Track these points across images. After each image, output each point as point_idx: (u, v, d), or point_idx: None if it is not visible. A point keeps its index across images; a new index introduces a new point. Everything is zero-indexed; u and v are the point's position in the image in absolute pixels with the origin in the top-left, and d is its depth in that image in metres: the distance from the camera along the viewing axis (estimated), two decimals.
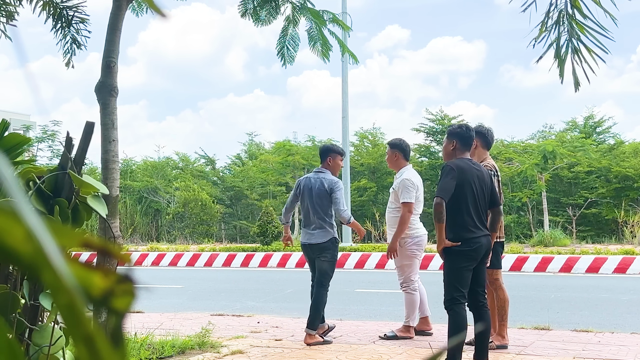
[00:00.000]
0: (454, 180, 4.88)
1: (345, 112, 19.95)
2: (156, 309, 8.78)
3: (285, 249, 16.75)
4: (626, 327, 7.27)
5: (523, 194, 22.35)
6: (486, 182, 5.08)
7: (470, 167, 5.03)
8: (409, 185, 6.42)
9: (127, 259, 0.47)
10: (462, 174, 4.93)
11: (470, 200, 4.94)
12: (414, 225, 6.55)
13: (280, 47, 7.61)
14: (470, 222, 4.93)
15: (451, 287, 4.93)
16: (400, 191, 6.44)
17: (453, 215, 4.95)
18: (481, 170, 5.12)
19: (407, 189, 6.41)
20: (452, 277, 4.94)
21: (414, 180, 6.49)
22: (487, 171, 5.26)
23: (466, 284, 4.93)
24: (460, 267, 4.91)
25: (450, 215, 4.94)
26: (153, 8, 0.55)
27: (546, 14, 5.40)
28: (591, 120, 26.36)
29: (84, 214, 2.19)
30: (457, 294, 4.90)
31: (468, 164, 5.06)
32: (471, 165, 5.06)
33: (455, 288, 4.91)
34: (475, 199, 4.97)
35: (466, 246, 4.90)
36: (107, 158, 4.35)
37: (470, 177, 4.96)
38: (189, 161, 30.21)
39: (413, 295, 6.53)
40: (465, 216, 4.93)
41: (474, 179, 4.98)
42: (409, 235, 6.51)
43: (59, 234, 0.42)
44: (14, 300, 2.00)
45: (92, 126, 2.33)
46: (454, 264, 4.92)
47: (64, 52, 6.51)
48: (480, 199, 5.01)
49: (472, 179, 4.96)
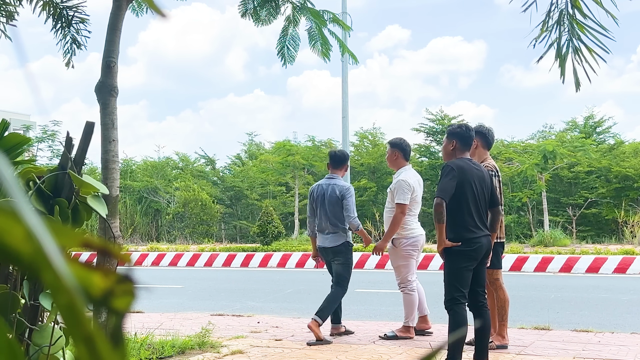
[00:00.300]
0: (454, 180, 4.88)
1: (345, 112, 19.94)
2: (156, 309, 8.79)
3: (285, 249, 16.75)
4: (626, 327, 7.27)
5: (523, 194, 22.35)
6: (486, 182, 5.08)
7: (470, 167, 5.03)
8: (404, 187, 6.43)
9: (127, 259, 0.47)
10: (463, 174, 4.93)
11: (471, 200, 4.94)
12: (409, 225, 6.54)
13: (280, 47, 7.61)
14: (470, 222, 4.93)
15: (451, 287, 4.93)
16: (396, 192, 6.45)
17: (453, 215, 4.95)
18: (481, 170, 5.11)
19: (402, 189, 6.42)
20: (452, 277, 4.94)
21: (410, 182, 6.48)
22: (487, 171, 5.26)
23: (466, 284, 4.93)
24: (460, 267, 4.91)
25: (451, 215, 4.94)
26: (153, 8, 0.55)
27: (547, 14, 5.40)
28: (591, 120, 26.36)
29: (84, 214, 2.19)
30: (457, 294, 4.90)
31: (468, 163, 5.06)
32: (471, 165, 5.06)
33: (455, 288, 4.91)
34: (476, 199, 4.97)
35: (466, 246, 4.90)
36: (107, 158, 4.35)
37: (470, 177, 4.96)
38: (189, 161, 30.21)
39: (411, 295, 6.53)
40: (466, 216, 4.93)
41: (474, 179, 4.97)
42: (404, 236, 6.51)
43: (59, 234, 0.42)
44: (14, 300, 2.00)
45: (92, 126, 2.33)
46: (454, 264, 4.92)
47: (64, 52, 6.51)
48: (481, 199, 5.01)
49: (472, 179, 4.96)
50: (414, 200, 6.50)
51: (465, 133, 5.17)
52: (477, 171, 5.05)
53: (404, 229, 6.49)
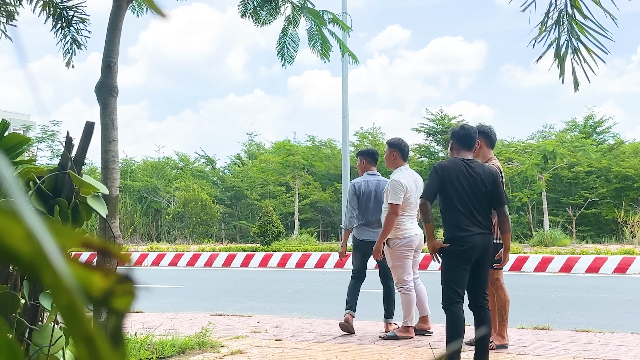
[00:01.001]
0: (435, 180, 4.94)
1: (345, 112, 19.94)
2: (156, 309, 8.79)
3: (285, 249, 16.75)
4: (626, 327, 7.27)
5: (523, 194, 22.35)
6: (485, 180, 4.98)
7: (457, 166, 4.96)
8: (396, 187, 6.43)
9: (127, 259, 0.47)
10: (445, 173, 4.92)
11: (457, 199, 4.90)
12: (403, 226, 6.52)
13: (280, 47, 7.60)
14: (461, 220, 4.89)
15: (447, 287, 4.93)
16: (390, 192, 6.45)
17: (443, 214, 5.02)
18: (477, 169, 5.02)
19: (395, 190, 6.42)
20: (447, 277, 4.94)
21: (402, 182, 6.46)
22: (489, 170, 5.13)
23: (461, 284, 4.91)
24: (453, 266, 4.90)
25: (443, 214, 5.02)
26: (153, 8, 0.55)
27: (546, 14, 5.40)
28: (591, 120, 26.36)
29: (84, 214, 2.19)
30: (452, 294, 4.89)
31: (456, 162, 5.00)
32: (459, 163, 4.98)
33: (450, 288, 4.90)
34: (463, 197, 4.90)
35: (457, 245, 4.88)
36: (107, 158, 4.35)
37: (455, 175, 4.91)
38: (189, 161, 30.22)
39: (408, 295, 6.53)
40: (455, 214, 4.90)
41: (459, 177, 4.92)
42: (398, 236, 6.50)
43: (59, 234, 0.42)
44: (14, 300, 2.00)
45: (92, 126, 2.33)
46: (448, 263, 4.93)
47: (64, 52, 6.51)
48: (473, 197, 4.93)
49: (456, 176, 4.91)
50: (407, 200, 6.48)
51: (459, 132, 5.16)
52: (467, 168, 4.97)
53: (397, 229, 6.48)
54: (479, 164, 5.15)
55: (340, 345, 6.31)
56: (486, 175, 5.03)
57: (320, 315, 8.52)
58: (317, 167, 26.07)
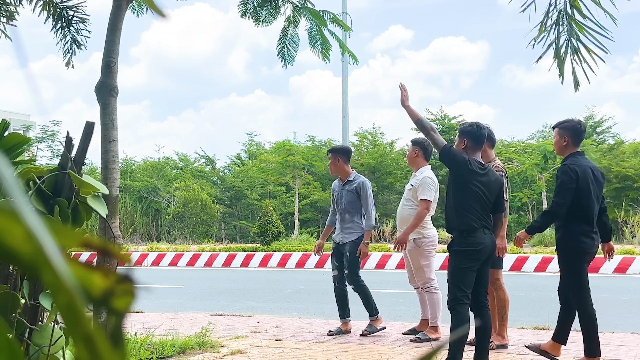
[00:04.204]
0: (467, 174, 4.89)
1: (345, 112, 19.95)
2: (156, 309, 8.79)
3: (285, 249, 16.74)
4: (626, 327, 7.26)
5: (523, 194, 22.35)
6: (492, 186, 4.98)
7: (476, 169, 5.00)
8: (430, 184, 6.49)
9: (127, 259, 0.47)
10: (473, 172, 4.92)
11: (473, 199, 4.90)
12: (428, 224, 6.57)
13: (280, 47, 7.60)
14: (476, 222, 4.90)
15: (455, 287, 4.91)
16: (422, 188, 6.45)
17: (457, 214, 4.95)
18: (488, 174, 5.00)
19: (429, 186, 6.47)
20: (455, 277, 4.92)
21: (435, 180, 6.58)
22: (496, 175, 5.10)
23: (470, 285, 4.92)
24: (464, 267, 4.89)
25: (456, 213, 4.94)
26: (153, 8, 0.55)
27: (545, 14, 5.40)
28: (591, 120, 26.36)
29: (84, 214, 2.19)
30: (460, 294, 4.88)
31: (476, 165, 4.99)
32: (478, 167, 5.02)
33: (458, 288, 4.89)
34: (480, 198, 4.92)
35: (471, 246, 4.88)
36: (107, 158, 4.35)
37: (474, 178, 4.93)
38: (189, 161, 30.21)
39: (436, 294, 6.52)
40: (470, 215, 4.90)
41: (480, 180, 4.93)
42: (425, 235, 6.52)
43: (59, 234, 0.43)
44: (14, 300, 2.00)
45: (92, 126, 2.33)
46: (458, 264, 4.91)
47: (64, 52, 6.51)
48: (485, 199, 4.95)
49: (475, 180, 4.93)
50: (435, 200, 6.56)
51: (477, 132, 5.01)
52: (483, 174, 4.97)
53: (424, 228, 6.50)
54: (488, 168, 5.10)
55: (340, 345, 6.31)
56: (494, 181, 5.02)
57: (320, 315, 8.52)
58: (317, 167, 26.06)
